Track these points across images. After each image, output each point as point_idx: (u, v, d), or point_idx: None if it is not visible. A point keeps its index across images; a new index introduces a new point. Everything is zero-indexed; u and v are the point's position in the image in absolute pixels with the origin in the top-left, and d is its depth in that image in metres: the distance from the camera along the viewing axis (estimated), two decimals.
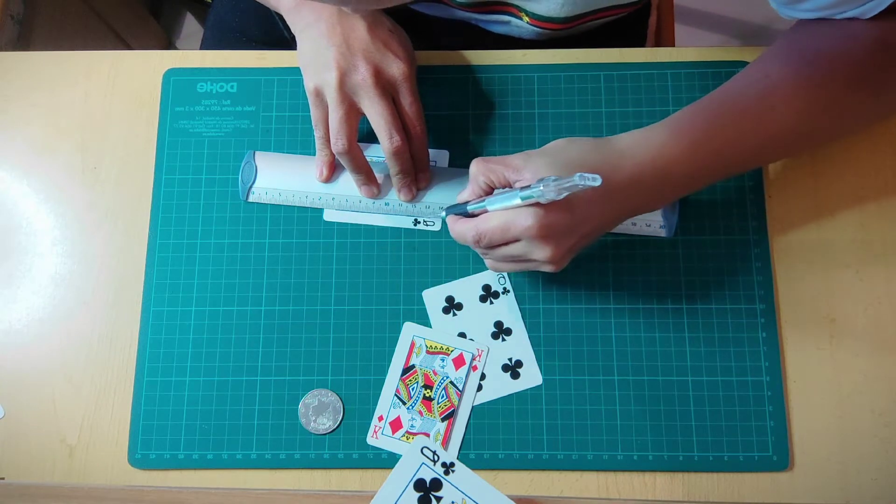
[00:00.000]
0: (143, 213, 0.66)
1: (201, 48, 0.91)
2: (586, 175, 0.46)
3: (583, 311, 0.62)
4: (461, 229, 0.56)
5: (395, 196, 0.64)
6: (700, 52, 0.67)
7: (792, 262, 0.62)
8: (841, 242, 0.63)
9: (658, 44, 0.92)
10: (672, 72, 0.66)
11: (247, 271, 0.64)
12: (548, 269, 0.55)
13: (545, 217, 0.51)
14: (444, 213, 0.59)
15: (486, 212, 0.55)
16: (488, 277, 0.63)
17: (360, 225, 0.65)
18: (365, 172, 0.63)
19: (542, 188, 0.48)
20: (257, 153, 0.66)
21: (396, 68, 0.60)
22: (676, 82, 0.66)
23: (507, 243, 0.54)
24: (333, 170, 0.65)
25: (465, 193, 0.58)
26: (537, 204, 0.51)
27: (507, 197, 0.52)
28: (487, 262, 0.59)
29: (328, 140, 0.62)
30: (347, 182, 0.65)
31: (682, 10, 1.45)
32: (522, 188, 0.51)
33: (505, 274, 0.63)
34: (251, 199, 0.65)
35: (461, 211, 0.57)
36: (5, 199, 0.67)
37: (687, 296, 0.62)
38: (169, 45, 1.49)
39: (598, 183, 0.46)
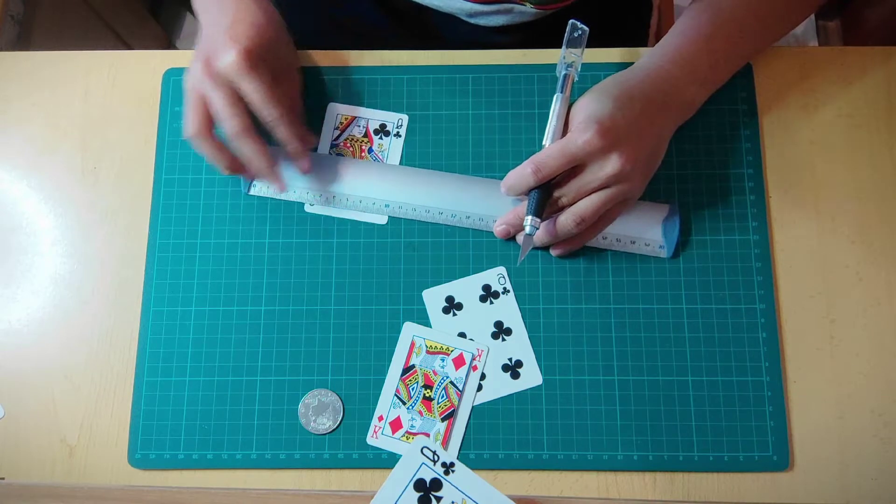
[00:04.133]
0: (143, 213, 0.66)
1: None
2: (577, 22, 0.58)
3: (583, 311, 0.62)
4: (515, 172, 0.58)
5: (396, 198, 0.64)
6: None
7: (792, 261, 0.62)
8: (841, 242, 0.63)
9: None
10: None
11: (247, 271, 0.64)
12: (623, 188, 0.57)
13: (601, 124, 0.54)
14: (528, 225, 0.58)
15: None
16: (488, 277, 0.63)
17: (360, 224, 0.65)
18: (227, 156, 0.61)
19: (562, 58, 0.58)
20: None
21: (224, 58, 0.57)
22: None
23: (570, 178, 0.57)
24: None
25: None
26: (587, 118, 0.55)
27: (550, 111, 0.59)
28: (560, 221, 0.59)
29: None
30: (347, 179, 0.65)
31: (682, 10, 1.45)
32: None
33: (505, 274, 0.63)
34: (252, 192, 0.65)
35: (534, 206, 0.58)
36: (5, 199, 0.67)
37: (687, 296, 0.62)
38: (169, 45, 1.49)
39: (587, 29, 0.58)
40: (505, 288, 0.63)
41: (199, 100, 0.60)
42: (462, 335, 0.62)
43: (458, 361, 0.61)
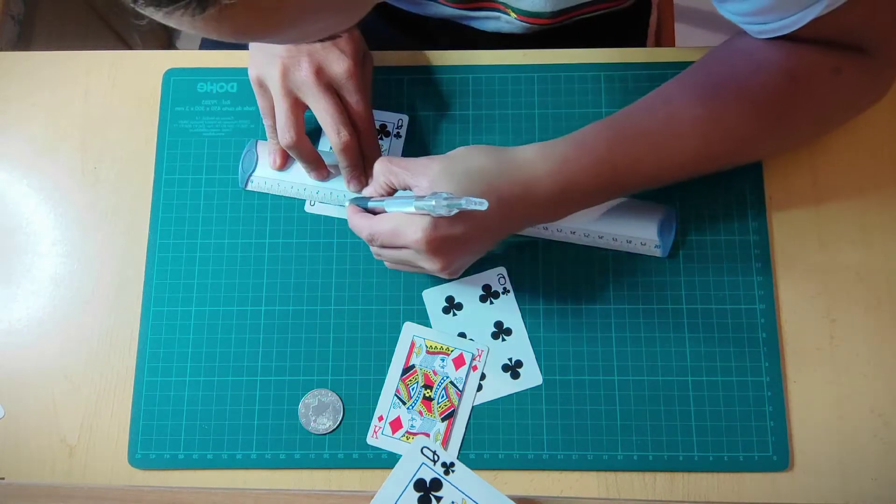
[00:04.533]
0: (143, 213, 0.66)
1: (201, 48, 0.91)
2: (472, 199, 0.48)
3: (583, 312, 0.62)
4: (358, 224, 0.57)
5: None
6: (700, 53, 0.67)
7: (792, 261, 0.62)
8: (841, 242, 0.63)
9: (658, 44, 0.92)
10: (672, 72, 0.66)
11: (247, 271, 0.64)
12: (442, 276, 0.56)
13: (433, 231, 0.52)
14: (347, 203, 0.60)
15: (384, 211, 0.55)
16: (488, 277, 0.63)
17: None
18: (313, 161, 0.63)
19: (433, 203, 0.50)
20: (259, 142, 0.66)
21: (339, 66, 0.59)
22: None
23: (398, 248, 0.55)
24: (286, 158, 0.65)
25: (368, 189, 0.59)
26: (430, 214, 0.51)
27: (403, 202, 0.53)
28: (385, 262, 0.60)
29: (276, 129, 0.62)
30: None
31: (682, 9, 1.45)
32: (417, 198, 0.51)
33: (505, 274, 0.63)
34: (250, 187, 0.65)
35: (363, 204, 0.58)
36: (5, 199, 0.67)
37: (687, 296, 0.62)
38: (169, 45, 1.49)
39: (483, 207, 0.48)
40: (505, 288, 0.63)
41: (298, 104, 0.60)
42: (462, 335, 0.62)
43: (458, 361, 0.61)
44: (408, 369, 0.61)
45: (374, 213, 0.57)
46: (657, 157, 0.57)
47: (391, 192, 0.57)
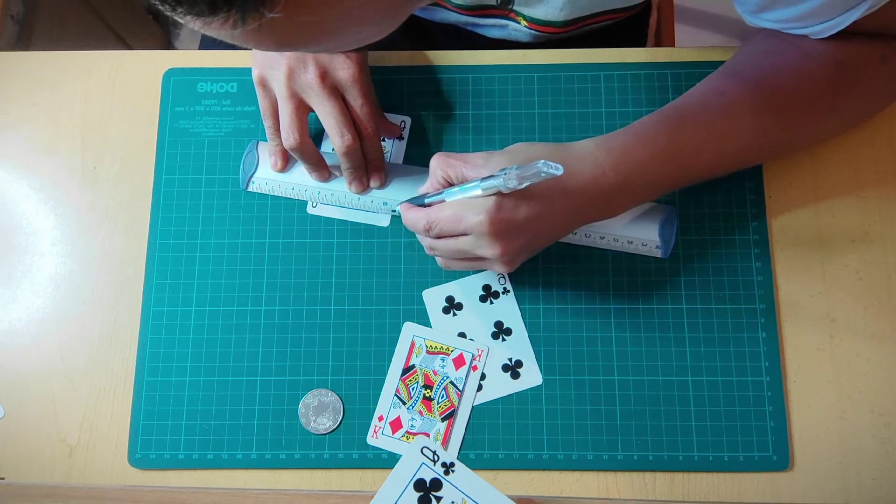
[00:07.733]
0: (143, 213, 0.66)
1: (201, 48, 0.91)
2: (550, 163, 0.46)
3: (583, 312, 0.62)
4: (413, 217, 0.56)
5: (397, 196, 0.64)
6: (700, 52, 0.67)
7: (792, 262, 0.62)
8: (841, 242, 0.63)
9: (658, 44, 0.92)
10: (672, 72, 0.66)
11: (247, 271, 0.64)
12: (497, 268, 0.56)
13: (497, 213, 0.51)
14: (397, 208, 0.59)
15: (442, 203, 0.55)
16: (488, 277, 0.63)
17: (361, 225, 0.65)
18: (315, 162, 0.63)
19: (503, 177, 0.49)
20: (260, 143, 0.66)
21: (344, 70, 0.59)
22: (676, 82, 0.66)
23: (456, 237, 0.54)
24: (287, 160, 0.65)
25: (424, 186, 0.58)
26: (495, 195, 0.51)
27: (465, 189, 0.53)
28: (438, 259, 0.60)
29: (277, 130, 0.62)
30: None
31: (682, 10, 1.45)
32: (484, 178, 0.51)
33: (505, 274, 0.63)
34: (251, 188, 0.65)
35: (418, 202, 0.58)
36: (5, 199, 0.67)
37: (687, 296, 0.62)
38: (169, 45, 1.49)
39: (560, 172, 0.46)
40: (505, 288, 0.63)
41: (302, 106, 0.60)
42: (462, 335, 0.62)
43: (458, 361, 0.61)
44: (408, 369, 0.61)
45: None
46: (716, 147, 0.57)
47: (448, 186, 0.56)
